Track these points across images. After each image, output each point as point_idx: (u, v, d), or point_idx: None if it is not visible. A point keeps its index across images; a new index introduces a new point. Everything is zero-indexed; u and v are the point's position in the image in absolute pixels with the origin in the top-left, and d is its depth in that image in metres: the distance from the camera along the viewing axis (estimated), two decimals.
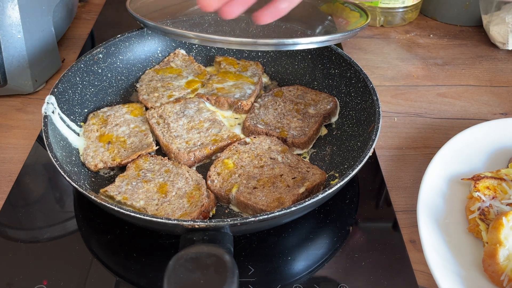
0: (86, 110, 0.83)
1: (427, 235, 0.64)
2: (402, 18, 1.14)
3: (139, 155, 0.74)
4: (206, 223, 0.55)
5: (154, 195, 0.68)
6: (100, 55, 0.86)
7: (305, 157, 0.78)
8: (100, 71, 0.86)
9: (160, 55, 0.95)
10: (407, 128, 0.88)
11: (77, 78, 0.81)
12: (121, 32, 0.89)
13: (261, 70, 0.92)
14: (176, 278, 0.49)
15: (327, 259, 0.65)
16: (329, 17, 0.84)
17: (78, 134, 0.78)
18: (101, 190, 0.69)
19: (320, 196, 0.59)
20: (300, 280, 0.62)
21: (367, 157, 0.64)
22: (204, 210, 0.65)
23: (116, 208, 0.57)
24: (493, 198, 0.67)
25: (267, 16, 0.62)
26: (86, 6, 1.23)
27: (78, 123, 0.80)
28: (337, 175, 0.73)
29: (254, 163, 0.73)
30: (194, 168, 0.76)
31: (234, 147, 0.76)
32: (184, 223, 0.55)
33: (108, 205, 0.58)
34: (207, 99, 0.85)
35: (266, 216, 0.56)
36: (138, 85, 0.89)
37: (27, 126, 0.86)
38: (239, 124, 0.83)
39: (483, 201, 0.66)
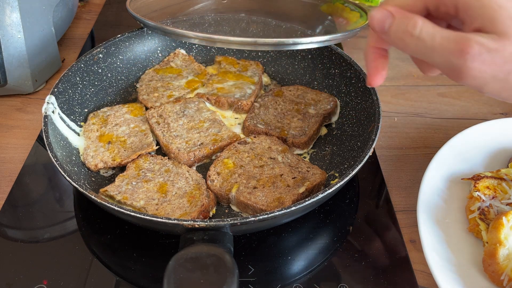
0: (86, 110, 0.83)
1: (427, 235, 0.64)
2: None
3: (139, 155, 0.74)
4: (206, 223, 0.55)
5: (154, 194, 0.68)
6: (100, 55, 0.86)
7: (305, 157, 0.78)
8: (100, 71, 0.86)
9: (160, 55, 0.95)
10: (407, 128, 0.88)
11: (77, 78, 0.81)
12: (121, 32, 0.89)
13: (261, 70, 0.92)
14: (176, 278, 0.49)
15: (327, 259, 0.65)
16: (329, 17, 0.84)
17: (78, 134, 0.78)
18: (101, 190, 0.69)
19: (320, 196, 0.59)
20: (300, 280, 0.62)
21: (367, 157, 0.64)
22: (204, 210, 0.65)
23: (116, 208, 0.57)
24: (493, 198, 0.67)
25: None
26: (86, 6, 1.23)
27: (78, 123, 0.80)
28: (337, 175, 0.73)
29: (254, 162, 0.73)
30: (194, 168, 0.76)
31: (234, 146, 0.75)
32: (184, 222, 0.55)
33: (108, 205, 0.58)
34: (207, 99, 0.85)
35: (266, 216, 0.56)
36: (138, 85, 0.89)
37: (27, 126, 0.86)
38: (239, 124, 0.83)
39: (483, 200, 0.66)
